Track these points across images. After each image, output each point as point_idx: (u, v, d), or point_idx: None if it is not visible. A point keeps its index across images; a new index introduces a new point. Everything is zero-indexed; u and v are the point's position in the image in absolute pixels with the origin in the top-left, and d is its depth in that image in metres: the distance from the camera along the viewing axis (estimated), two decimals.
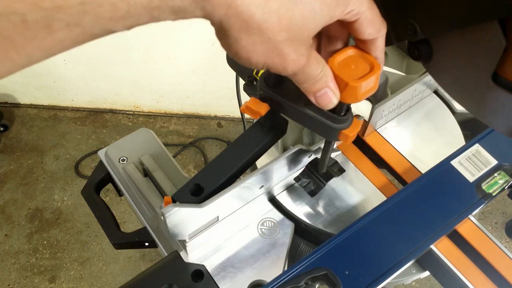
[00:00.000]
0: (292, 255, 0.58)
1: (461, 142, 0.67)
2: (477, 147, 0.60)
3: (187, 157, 1.89)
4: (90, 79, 1.85)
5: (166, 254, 0.55)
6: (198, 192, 0.48)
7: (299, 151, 0.55)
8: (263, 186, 0.55)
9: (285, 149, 0.68)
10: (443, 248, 0.54)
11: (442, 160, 0.58)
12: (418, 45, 0.39)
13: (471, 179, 0.57)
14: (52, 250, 1.63)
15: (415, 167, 0.62)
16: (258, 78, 0.61)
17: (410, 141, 0.67)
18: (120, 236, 0.61)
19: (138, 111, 2.01)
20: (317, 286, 0.53)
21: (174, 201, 0.47)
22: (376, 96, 0.71)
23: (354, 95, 0.36)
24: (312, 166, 0.54)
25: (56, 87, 1.89)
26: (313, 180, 0.54)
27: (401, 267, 0.50)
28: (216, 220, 0.52)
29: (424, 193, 0.55)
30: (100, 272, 1.59)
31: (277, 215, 0.58)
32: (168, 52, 1.71)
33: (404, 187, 0.56)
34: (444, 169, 0.57)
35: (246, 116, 0.61)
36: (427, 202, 0.54)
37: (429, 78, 0.66)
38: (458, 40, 0.35)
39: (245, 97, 0.61)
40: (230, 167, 0.49)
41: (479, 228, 0.55)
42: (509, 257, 0.53)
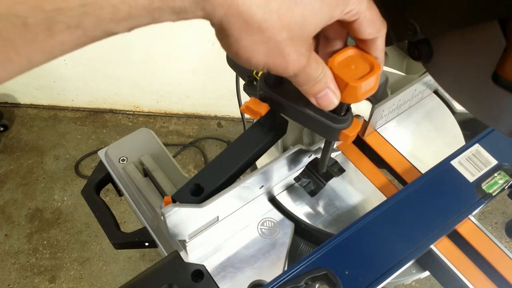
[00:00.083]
0: (292, 255, 0.58)
1: (461, 142, 0.67)
2: (477, 147, 0.60)
3: (187, 157, 1.89)
4: (90, 79, 1.85)
5: (166, 254, 0.55)
6: (198, 192, 0.48)
7: (299, 151, 0.55)
8: (263, 186, 0.55)
9: (285, 149, 0.68)
10: (443, 248, 0.54)
11: (442, 160, 0.58)
12: (418, 45, 0.39)
13: (471, 179, 0.57)
14: (52, 250, 1.63)
15: (415, 167, 0.62)
16: (258, 78, 0.61)
17: (410, 141, 0.67)
18: (120, 236, 0.61)
19: (138, 111, 2.01)
20: (317, 286, 0.53)
21: (174, 201, 0.47)
22: (376, 96, 0.71)
23: (354, 95, 0.36)
24: (312, 166, 0.54)
25: (56, 87, 1.89)
26: (313, 180, 0.54)
27: (401, 267, 0.50)
28: (216, 220, 0.52)
29: (424, 193, 0.55)
30: (100, 272, 1.59)
31: (277, 215, 0.58)
32: (168, 52, 1.71)
33: (404, 187, 0.56)
34: (444, 169, 0.57)
35: (246, 116, 0.61)
36: (427, 202, 0.54)
37: (429, 78, 0.66)
38: (458, 40, 0.35)
39: (245, 97, 0.61)
40: (230, 167, 0.49)
41: (479, 228, 0.55)
42: (509, 257, 0.53)
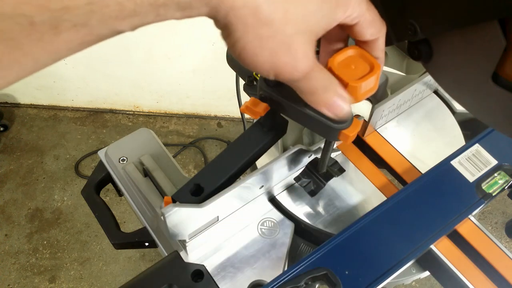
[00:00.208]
0: (292, 255, 0.58)
1: (461, 142, 0.67)
2: (477, 147, 0.60)
3: (187, 157, 1.89)
4: (90, 79, 1.85)
5: (166, 254, 0.55)
6: (198, 192, 0.48)
7: (299, 151, 0.55)
8: (263, 186, 0.55)
9: (285, 149, 0.68)
10: (443, 248, 0.54)
11: (442, 160, 0.58)
12: (418, 45, 0.39)
13: (471, 179, 0.57)
14: (52, 250, 1.63)
15: (415, 167, 0.62)
16: (258, 78, 0.61)
17: (410, 141, 0.67)
18: (120, 236, 0.61)
19: (138, 111, 2.01)
20: (317, 286, 0.53)
21: (174, 201, 0.47)
22: (376, 96, 0.71)
23: (354, 95, 0.36)
24: (312, 166, 0.54)
25: (56, 87, 1.89)
26: (313, 180, 0.54)
27: (401, 267, 0.50)
28: (216, 220, 0.52)
29: (424, 193, 0.55)
30: (100, 272, 1.59)
31: (277, 215, 0.58)
32: (168, 52, 1.71)
33: (404, 187, 0.56)
34: (444, 169, 0.57)
35: (246, 116, 0.61)
36: (427, 202, 0.54)
37: (429, 78, 0.66)
38: (458, 40, 0.35)
39: (245, 97, 0.61)
40: (230, 167, 0.49)
41: (479, 228, 0.55)
42: (509, 257, 0.53)
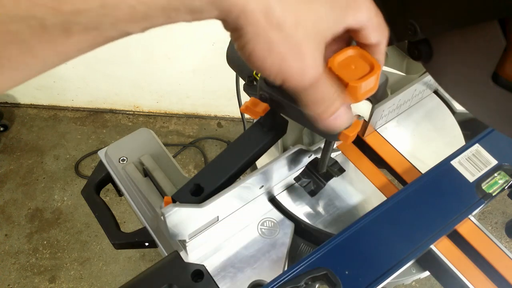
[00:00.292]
0: (292, 255, 0.58)
1: (461, 142, 0.67)
2: (477, 147, 0.60)
3: (187, 157, 1.89)
4: (90, 79, 1.85)
5: (166, 254, 0.55)
6: (198, 192, 0.48)
7: (299, 151, 0.55)
8: (263, 186, 0.55)
9: (285, 149, 0.68)
10: (443, 248, 0.54)
11: (442, 160, 0.58)
12: (418, 45, 0.39)
13: (471, 179, 0.57)
14: (52, 250, 1.63)
15: (415, 167, 0.62)
16: (258, 78, 0.61)
17: (410, 141, 0.67)
18: (120, 236, 0.61)
19: (138, 111, 2.01)
20: (317, 286, 0.53)
21: (174, 201, 0.47)
22: (376, 96, 0.71)
23: (354, 95, 0.36)
24: (312, 166, 0.54)
25: (56, 87, 1.89)
26: (313, 180, 0.54)
27: (401, 267, 0.50)
28: (216, 220, 0.52)
29: (424, 193, 0.55)
30: (100, 272, 1.59)
31: (277, 215, 0.58)
32: (168, 52, 1.71)
33: (404, 187, 0.56)
34: (444, 169, 0.57)
35: (246, 116, 0.61)
36: (427, 202, 0.54)
37: (429, 78, 0.66)
38: (458, 40, 0.35)
39: (245, 97, 0.61)
40: (230, 167, 0.49)
41: (479, 228, 0.55)
42: (509, 257, 0.53)
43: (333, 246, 0.50)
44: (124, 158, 0.63)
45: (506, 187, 0.58)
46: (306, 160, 0.58)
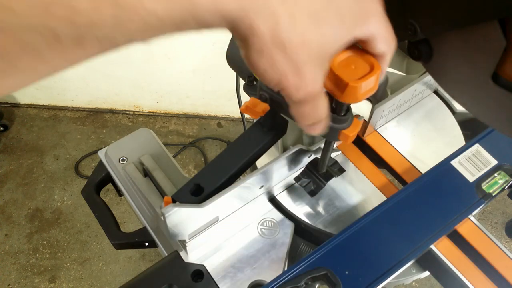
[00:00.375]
0: (292, 255, 0.58)
1: (461, 142, 0.67)
2: (477, 147, 0.60)
3: (187, 157, 1.89)
4: (90, 79, 1.85)
5: (166, 254, 0.55)
6: (198, 192, 0.48)
7: (299, 151, 0.55)
8: (263, 186, 0.55)
9: (285, 149, 0.68)
10: (443, 248, 0.54)
11: (442, 160, 0.58)
12: (418, 45, 0.39)
13: (471, 179, 0.57)
14: (52, 250, 1.63)
15: (415, 167, 0.62)
16: (258, 78, 0.61)
17: (410, 141, 0.67)
18: (120, 236, 0.61)
19: (138, 111, 2.01)
20: (317, 286, 0.53)
21: (174, 201, 0.47)
22: (376, 96, 0.71)
23: (354, 95, 0.35)
24: (312, 166, 0.54)
25: (56, 87, 1.89)
26: (313, 180, 0.54)
27: (401, 267, 0.50)
28: (216, 220, 0.52)
29: (424, 193, 0.55)
30: (100, 272, 1.59)
31: (277, 215, 0.58)
32: (168, 52, 1.71)
33: (404, 187, 0.56)
34: (444, 169, 0.57)
35: (246, 116, 0.61)
36: (427, 202, 0.54)
37: (429, 78, 0.66)
38: (458, 40, 0.35)
39: (245, 97, 0.61)
40: (230, 167, 0.49)
41: (479, 228, 0.55)
42: (509, 257, 0.53)
43: (333, 246, 0.50)
44: (124, 158, 0.63)
45: (506, 187, 0.58)
46: (306, 160, 0.58)
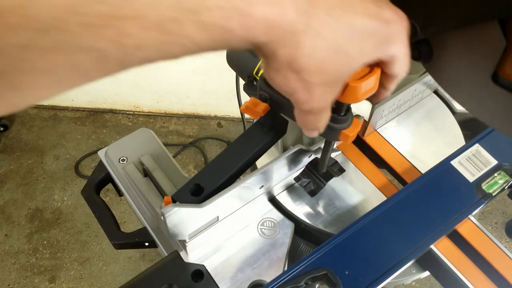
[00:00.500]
0: (292, 255, 0.58)
1: (461, 142, 0.67)
2: (477, 147, 0.60)
3: (187, 157, 1.89)
4: None
5: (166, 254, 0.55)
6: (198, 192, 0.48)
7: (299, 151, 0.55)
8: (263, 186, 0.55)
9: (285, 149, 0.68)
10: (443, 248, 0.54)
11: (442, 160, 0.58)
12: (418, 45, 0.39)
13: (471, 179, 0.57)
14: (52, 250, 1.63)
15: (415, 167, 0.62)
16: (258, 78, 0.61)
17: (410, 141, 0.67)
18: (120, 236, 0.61)
19: (138, 111, 2.01)
20: (317, 286, 0.53)
21: (174, 201, 0.47)
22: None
23: (354, 96, 0.35)
24: (312, 166, 0.54)
25: None
26: (313, 180, 0.54)
27: (401, 267, 0.50)
28: (216, 220, 0.52)
29: (424, 193, 0.55)
30: (100, 272, 1.59)
31: (277, 215, 0.58)
32: None
33: (404, 187, 0.56)
34: (444, 169, 0.57)
35: (246, 116, 0.61)
36: (427, 202, 0.54)
37: (429, 78, 0.66)
38: (458, 40, 0.35)
39: (245, 97, 0.61)
40: (230, 167, 0.49)
41: (479, 228, 0.55)
42: (509, 257, 0.53)
43: (333, 246, 0.50)
44: (124, 158, 0.63)
45: (506, 187, 0.58)
46: (306, 160, 0.58)
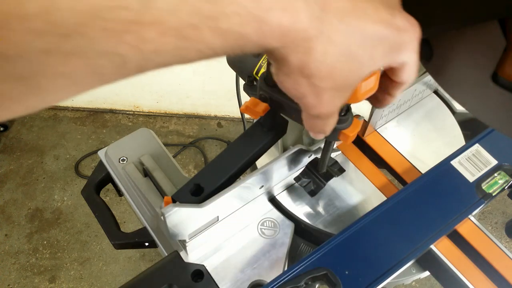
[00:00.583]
0: (292, 255, 0.58)
1: (461, 142, 0.67)
2: (477, 147, 0.60)
3: (187, 157, 1.89)
4: None
5: (166, 254, 0.55)
6: (198, 192, 0.48)
7: (299, 151, 0.55)
8: (263, 186, 0.55)
9: (285, 149, 0.68)
10: (443, 248, 0.54)
11: (442, 160, 0.58)
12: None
13: (471, 179, 0.57)
14: (52, 250, 1.63)
15: (415, 167, 0.62)
16: (258, 78, 0.61)
17: (410, 141, 0.67)
18: (120, 236, 0.61)
19: (138, 111, 2.01)
20: (317, 286, 0.53)
21: (174, 201, 0.47)
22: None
23: (354, 96, 0.35)
24: (312, 166, 0.54)
25: None
26: (313, 180, 0.54)
27: (401, 267, 0.50)
28: (216, 220, 0.52)
29: (424, 193, 0.55)
30: (100, 272, 1.59)
31: (277, 215, 0.58)
32: None
33: (404, 187, 0.56)
34: (444, 169, 0.57)
35: (246, 116, 0.61)
36: (427, 202, 0.54)
37: (429, 78, 0.66)
38: (458, 40, 0.35)
39: (245, 97, 0.61)
40: (230, 167, 0.49)
41: (479, 228, 0.55)
42: (509, 257, 0.53)
43: (333, 246, 0.50)
44: (124, 158, 0.63)
45: (506, 187, 0.58)
46: (306, 160, 0.58)
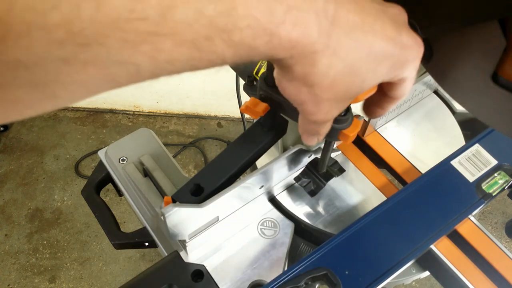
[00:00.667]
0: (292, 255, 0.58)
1: (461, 142, 0.67)
2: (477, 147, 0.60)
3: (187, 157, 1.89)
4: None
5: (166, 254, 0.55)
6: (198, 192, 0.48)
7: (299, 151, 0.55)
8: (263, 186, 0.55)
9: (285, 149, 0.68)
10: (443, 248, 0.54)
11: (442, 160, 0.58)
12: None
13: (471, 179, 0.57)
14: (52, 250, 1.63)
15: (415, 167, 0.62)
16: (258, 78, 0.61)
17: (410, 141, 0.67)
18: (120, 236, 0.61)
19: (138, 111, 2.01)
20: (317, 286, 0.53)
21: (174, 201, 0.47)
22: None
23: None
24: (312, 166, 0.54)
25: None
26: (313, 180, 0.54)
27: (401, 267, 0.50)
28: (216, 220, 0.52)
29: (424, 193, 0.55)
30: (100, 272, 1.59)
31: (277, 215, 0.58)
32: None
33: (404, 187, 0.56)
34: (444, 169, 0.57)
35: (246, 116, 0.61)
36: (427, 202, 0.54)
37: (429, 78, 0.66)
38: (458, 40, 0.35)
39: (245, 97, 0.61)
40: (230, 167, 0.49)
41: (479, 228, 0.55)
42: (509, 257, 0.53)
43: (333, 246, 0.50)
44: (124, 158, 0.63)
45: (506, 187, 0.58)
46: (306, 160, 0.58)
